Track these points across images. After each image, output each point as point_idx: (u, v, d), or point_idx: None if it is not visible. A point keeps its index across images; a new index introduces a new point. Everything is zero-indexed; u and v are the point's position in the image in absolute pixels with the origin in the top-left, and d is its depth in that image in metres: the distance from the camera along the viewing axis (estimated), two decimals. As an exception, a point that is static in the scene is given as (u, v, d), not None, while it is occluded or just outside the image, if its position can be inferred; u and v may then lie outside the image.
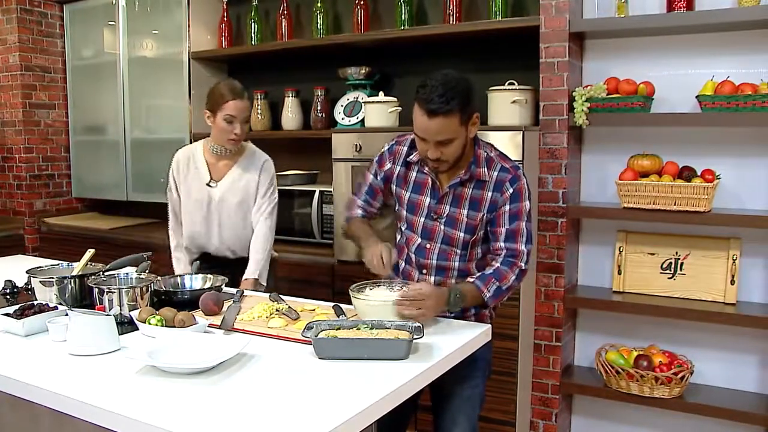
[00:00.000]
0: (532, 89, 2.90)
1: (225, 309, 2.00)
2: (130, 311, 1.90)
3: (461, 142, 1.90)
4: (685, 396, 2.62)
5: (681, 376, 2.58)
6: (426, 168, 2.02)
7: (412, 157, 2.06)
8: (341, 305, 2.03)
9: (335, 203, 3.21)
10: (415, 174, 2.07)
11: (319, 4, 3.55)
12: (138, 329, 1.81)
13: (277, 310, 1.97)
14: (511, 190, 1.97)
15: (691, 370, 2.61)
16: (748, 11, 2.44)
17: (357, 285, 1.95)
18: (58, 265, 2.34)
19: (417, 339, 1.65)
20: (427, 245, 2.05)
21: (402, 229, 2.14)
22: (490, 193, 1.98)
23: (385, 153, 2.13)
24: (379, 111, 3.20)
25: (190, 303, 2.03)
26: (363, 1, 3.41)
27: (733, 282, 2.62)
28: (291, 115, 3.71)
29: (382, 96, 3.24)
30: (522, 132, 2.69)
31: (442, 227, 2.02)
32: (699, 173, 2.58)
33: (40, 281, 2.07)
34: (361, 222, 2.17)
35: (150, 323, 1.76)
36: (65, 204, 4.75)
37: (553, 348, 2.83)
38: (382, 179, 2.14)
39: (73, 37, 4.60)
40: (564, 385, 2.84)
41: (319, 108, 3.62)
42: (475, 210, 1.99)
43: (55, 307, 1.92)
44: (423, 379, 1.56)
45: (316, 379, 1.50)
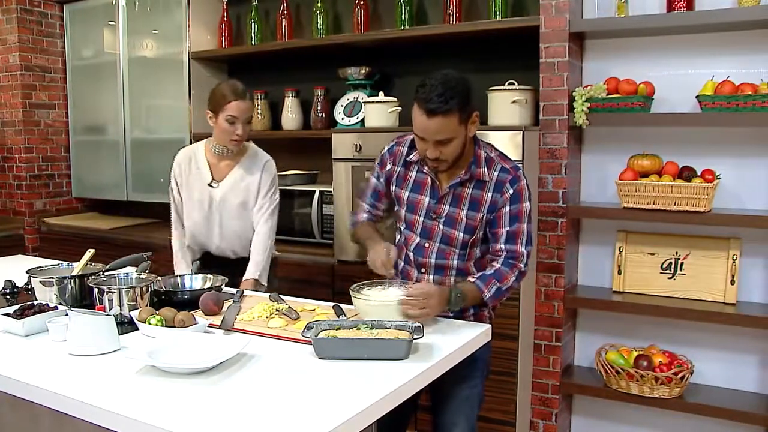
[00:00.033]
0: (532, 89, 2.90)
1: (225, 309, 2.00)
2: (130, 311, 1.90)
3: (460, 142, 1.90)
4: (685, 396, 2.62)
5: (681, 376, 2.58)
6: (425, 168, 2.02)
7: (411, 156, 2.06)
8: (341, 305, 2.03)
9: (335, 203, 3.21)
10: (414, 174, 2.07)
11: (319, 4, 3.55)
12: (138, 329, 1.81)
13: (277, 310, 1.97)
14: (511, 190, 1.97)
15: (691, 370, 2.61)
16: (748, 11, 2.44)
17: (357, 285, 1.95)
18: (58, 265, 2.34)
19: (417, 339, 1.65)
20: (426, 244, 2.05)
21: (401, 228, 2.14)
22: (490, 194, 1.98)
23: (386, 154, 2.14)
24: (379, 111, 3.20)
25: (190, 303, 2.03)
26: (363, 1, 3.41)
27: (733, 282, 2.62)
28: (291, 115, 3.72)
29: (382, 96, 3.24)
30: (522, 132, 2.69)
31: (441, 227, 2.02)
32: (699, 173, 2.58)
33: (40, 281, 2.07)
34: (367, 225, 2.18)
35: (150, 323, 1.76)
36: (65, 204, 4.74)
37: (553, 348, 2.83)
38: (384, 181, 2.14)
39: (73, 37, 4.60)
40: (564, 385, 2.84)
41: (319, 108, 3.62)
42: (474, 210, 1.99)
43: (55, 307, 1.92)
44: (423, 379, 1.56)
45: (316, 379, 1.50)
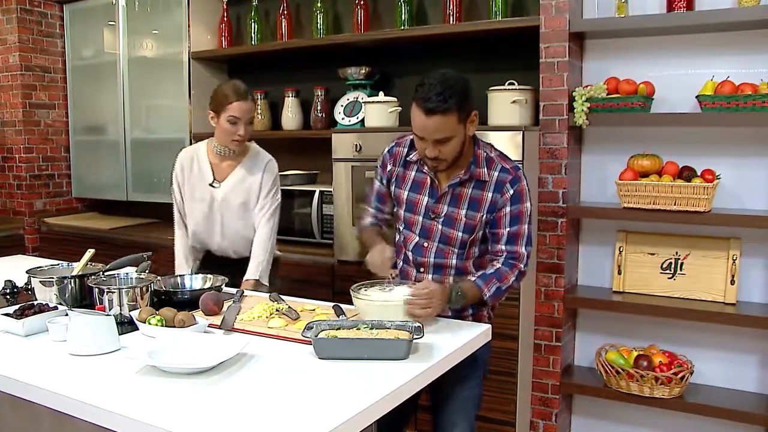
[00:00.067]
0: (532, 89, 2.90)
1: (225, 309, 2.00)
2: (130, 311, 1.90)
3: (459, 141, 1.90)
4: (685, 396, 2.62)
5: (681, 376, 2.58)
6: (425, 167, 2.02)
7: (411, 156, 2.06)
8: (341, 305, 2.03)
9: (335, 203, 3.21)
10: (414, 173, 2.07)
11: (319, 4, 3.55)
12: (138, 329, 1.81)
13: (277, 310, 1.97)
14: (511, 191, 1.97)
15: (691, 370, 2.61)
16: (748, 11, 2.44)
17: (358, 285, 1.95)
18: (58, 265, 2.34)
19: (417, 339, 1.65)
20: (425, 244, 2.05)
21: (400, 228, 2.14)
22: (490, 194, 1.98)
23: (386, 155, 2.14)
24: (379, 111, 3.20)
25: (190, 303, 2.03)
26: (363, 1, 3.41)
27: (733, 282, 2.62)
28: (291, 115, 3.72)
29: (382, 96, 3.24)
30: (522, 132, 2.69)
31: (439, 226, 2.02)
32: (699, 173, 2.58)
33: (40, 281, 2.07)
34: (370, 230, 2.19)
35: (150, 323, 1.76)
36: (65, 204, 4.74)
37: (553, 348, 2.83)
38: (386, 182, 2.14)
39: (73, 37, 4.60)
40: (564, 385, 2.84)
41: (319, 108, 3.62)
42: (474, 210, 1.99)
43: (55, 307, 1.92)
44: (423, 379, 1.56)
45: (316, 379, 1.50)
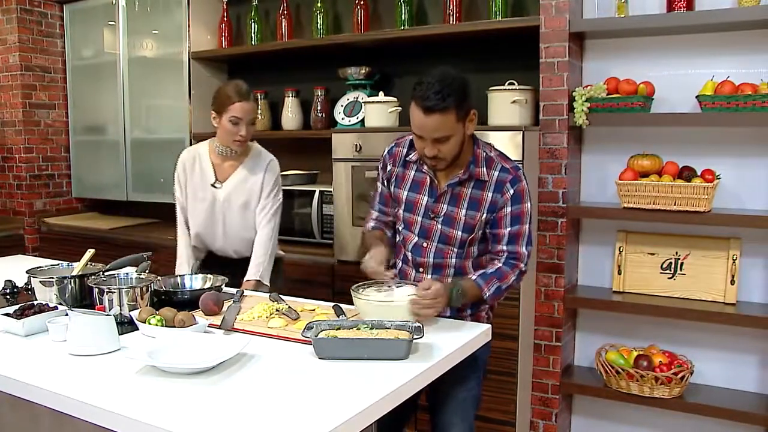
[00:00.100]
0: (532, 89, 2.90)
1: (225, 309, 2.00)
2: (130, 311, 1.90)
3: (458, 140, 1.90)
4: (685, 396, 2.62)
5: (681, 376, 2.58)
6: (424, 167, 2.02)
7: (410, 156, 2.07)
8: (341, 305, 2.03)
9: (335, 203, 3.21)
10: (413, 173, 2.07)
11: (319, 4, 3.55)
12: (138, 329, 1.81)
13: (277, 310, 1.97)
14: (511, 191, 1.96)
15: (691, 370, 2.61)
16: (748, 11, 2.44)
17: (359, 285, 1.95)
18: (58, 265, 2.34)
19: (417, 339, 1.65)
20: (424, 244, 2.05)
21: (399, 228, 2.14)
22: (490, 194, 1.98)
23: (386, 156, 2.14)
24: (379, 111, 3.20)
25: (190, 303, 2.02)
26: (363, 1, 3.41)
27: (733, 282, 2.62)
28: (291, 115, 3.72)
29: (382, 96, 3.24)
30: (522, 132, 2.69)
31: (439, 226, 2.02)
32: (699, 173, 2.58)
33: (40, 281, 2.07)
34: (371, 233, 2.19)
35: (150, 323, 1.76)
36: (65, 204, 4.74)
37: (553, 348, 2.83)
38: (387, 183, 2.15)
39: (73, 37, 4.59)
40: (564, 385, 2.84)
41: (319, 108, 3.62)
42: (474, 210, 1.99)
43: (55, 307, 1.92)
44: (423, 379, 1.56)
45: (316, 379, 1.50)
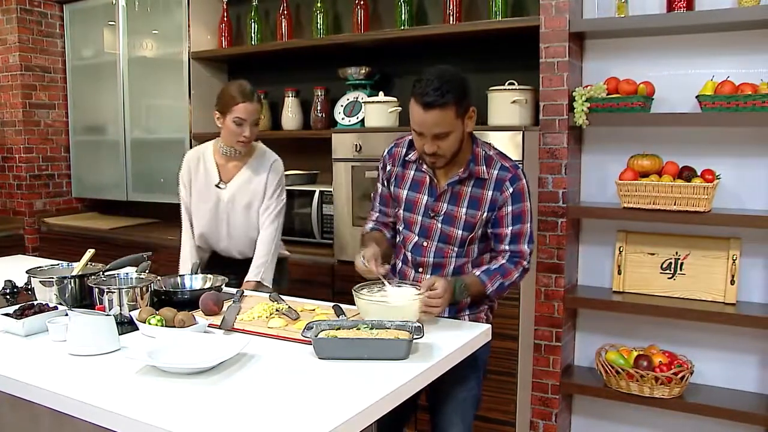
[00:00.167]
0: (532, 89, 2.90)
1: (225, 309, 2.00)
2: (130, 311, 1.90)
3: (458, 136, 1.90)
4: (685, 396, 2.62)
5: (681, 376, 2.58)
6: (424, 166, 2.02)
7: (410, 156, 2.07)
8: (341, 305, 2.03)
9: (335, 203, 3.21)
10: (413, 173, 2.07)
11: (319, 4, 3.55)
12: (138, 329, 1.81)
13: (277, 310, 1.97)
14: (511, 189, 1.97)
15: (691, 370, 2.61)
16: (748, 11, 2.44)
17: (360, 285, 1.95)
18: (58, 265, 2.34)
19: (417, 339, 1.65)
20: (425, 243, 2.05)
21: (399, 228, 2.14)
22: (490, 192, 1.98)
23: (386, 157, 2.14)
24: (379, 111, 3.20)
25: (190, 303, 2.03)
26: (363, 1, 3.41)
27: (733, 282, 2.62)
28: (291, 115, 3.72)
29: (382, 96, 3.24)
30: (522, 132, 2.69)
31: (439, 225, 2.02)
32: (699, 173, 2.58)
33: (40, 281, 2.07)
34: (368, 233, 2.19)
35: (150, 323, 1.76)
36: (65, 204, 4.74)
37: (553, 348, 2.83)
38: (386, 183, 2.15)
39: (73, 37, 4.59)
40: (564, 385, 2.84)
41: (319, 108, 3.62)
42: (474, 209, 1.99)
43: (55, 307, 1.92)
44: (423, 379, 1.56)
45: (316, 379, 1.50)
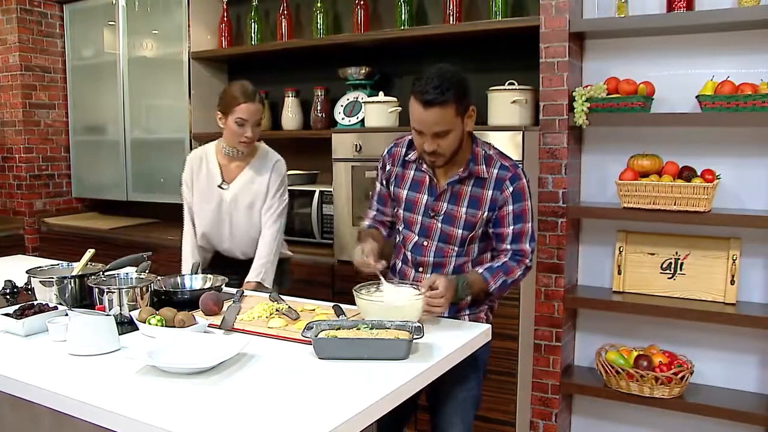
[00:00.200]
0: (532, 89, 2.90)
1: (225, 309, 2.00)
2: (130, 311, 1.90)
3: (457, 135, 1.90)
4: (685, 396, 2.62)
5: (681, 376, 2.58)
6: (424, 166, 2.02)
7: (410, 156, 2.07)
8: (341, 305, 2.03)
9: (335, 203, 3.21)
10: (412, 173, 2.07)
11: (319, 4, 3.55)
12: (138, 329, 1.81)
13: (277, 310, 1.97)
14: (511, 188, 1.97)
15: (691, 370, 2.61)
16: (748, 11, 2.44)
17: (361, 285, 1.95)
18: (58, 265, 2.34)
19: (417, 339, 1.65)
20: (425, 243, 2.05)
21: (399, 228, 2.14)
22: (490, 191, 1.98)
23: (385, 156, 2.14)
24: (379, 111, 3.20)
25: (190, 303, 2.03)
26: (363, 1, 3.41)
27: (733, 282, 2.62)
28: (291, 115, 3.72)
29: (382, 96, 3.24)
30: (522, 132, 2.69)
31: (439, 225, 2.02)
32: (699, 173, 2.58)
33: (40, 281, 2.07)
34: (367, 232, 2.18)
35: (150, 323, 1.76)
36: (65, 204, 4.74)
37: (553, 348, 2.83)
38: (386, 183, 2.15)
39: (73, 37, 4.59)
40: (564, 385, 2.84)
41: (319, 108, 3.62)
42: (474, 208, 1.99)
43: (55, 307, 1.92)
44: (423, 379, 1.56)
45: (316, 379, 1.50)
